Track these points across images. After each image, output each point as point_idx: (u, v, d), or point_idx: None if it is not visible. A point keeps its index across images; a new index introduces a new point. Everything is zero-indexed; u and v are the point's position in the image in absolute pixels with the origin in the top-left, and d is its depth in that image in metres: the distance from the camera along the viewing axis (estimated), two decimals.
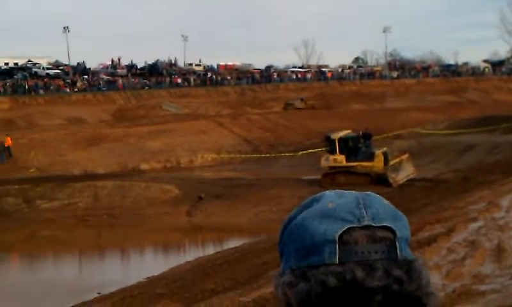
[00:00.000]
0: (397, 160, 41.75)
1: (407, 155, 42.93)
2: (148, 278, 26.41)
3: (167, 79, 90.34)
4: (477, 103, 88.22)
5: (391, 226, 1.44)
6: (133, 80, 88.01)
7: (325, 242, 1.41)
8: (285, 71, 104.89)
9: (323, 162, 42.28)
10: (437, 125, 66.58)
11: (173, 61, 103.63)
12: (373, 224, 1.43)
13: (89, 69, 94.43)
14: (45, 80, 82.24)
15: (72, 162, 54.50)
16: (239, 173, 50.07)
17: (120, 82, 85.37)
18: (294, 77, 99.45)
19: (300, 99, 79.36)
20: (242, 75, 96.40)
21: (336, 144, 41.44)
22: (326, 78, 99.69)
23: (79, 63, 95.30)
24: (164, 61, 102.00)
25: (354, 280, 1.36)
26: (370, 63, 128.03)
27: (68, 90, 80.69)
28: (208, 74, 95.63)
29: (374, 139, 45.73)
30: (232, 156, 58.60)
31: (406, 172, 41.28)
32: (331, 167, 41.71)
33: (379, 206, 1.46)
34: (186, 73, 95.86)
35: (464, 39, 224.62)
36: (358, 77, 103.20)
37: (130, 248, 36.93)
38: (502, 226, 19.93)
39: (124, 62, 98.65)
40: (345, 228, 1.42)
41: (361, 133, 44.07)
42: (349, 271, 1.37)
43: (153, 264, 31.01)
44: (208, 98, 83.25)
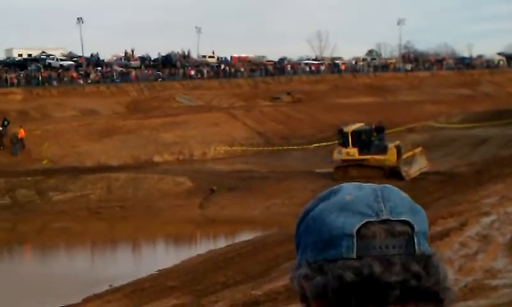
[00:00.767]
0: (410, 153, 41.64)
1: (420, 149, 42.81)
2: (159, 271, 26.44)
3: (180, 71, 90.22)
4: (491, 96, 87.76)
5: (409, 220, 1.42)
6: (146, 72, 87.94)
7: (343, 236, 1.40)
8: (299, 63, 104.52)
9: (336, 155, 42.19)
10: (451, 118, 66.38)
11: (186, 53, 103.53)
12: (391, 218, 1.41)
13: (103, 61, 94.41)
14: (59, 71, 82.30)
15: (85, 154, 54.59)
16: (252, 165, 50.03)
17: (134, 73, 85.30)
18: (308, 69, 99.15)
19: (287, 93, 78.95)
20: (256, 67, 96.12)
21: (349, 137, 41.35)
22: (339, 71, 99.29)
23: (92, 55, 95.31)
24: (177, 52, 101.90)
25: (371, 275, 1.35)
26: (384, 56, 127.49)
27: (81, 82, 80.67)
28: (222, 66, 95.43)
29: (387, 132, 45.54)
30: (245, 148, 58.55)
31: (419, 165, 41.16)
32: (344, 160, 41.62)
33: (398, 200, 1.45)
34: (199, 65, 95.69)
35: (478, 31, 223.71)
36: (371, 69, 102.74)
37: (142, 240, 36.99)
38: None
39: (138, 54, 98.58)
40: (364, 222, 1.40)
41: (374, 126, 43.90)
42: (366, 266, 1.36)
43: (165, 256, 31.06)
44: (222, 90, 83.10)
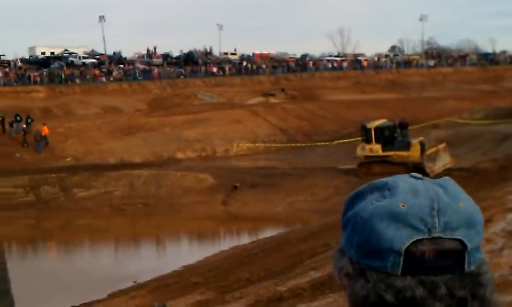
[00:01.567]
0: (434, 149, 41.41)
1: (444, 145, 42.56)
2: (183, 267, 26.48)
3: (202, 68, 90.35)
4: None
5: (462, 239, 1.34)
6: (168, 69, 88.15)
7: (390, 251, 1.34)
8: (321, 59, 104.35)
9: (359, 152, 42.05)
10: (474, 114, 65.91)
11: (208, 50, 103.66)
12: (443, 236, 1.34)
13: (125, 58, 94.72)
14: (81, 69, 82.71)
15: (108, 151, 54.81)
16: (274, 162, 49.99)
17: (156, 71, 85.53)
18: (330, 65, 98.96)
19: (281, 89, 78.54)
20: (278, 64, 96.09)
21: (372, 133, 41.18)
22: (362, 67, 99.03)
23: (114, 52, 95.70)
24: (199, 50, 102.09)
25: (413, 298, 1.30)
26: (406, 52, 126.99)
27: (104, 79, 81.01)
28: (244, 63, 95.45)
29: (410, 129, 45.32)
30: (267, 145, 58.52)
31: (442, 161, 40.92)
32: (367, 156, 41.46)
33: (453, 213, 1.35)
34: (221, 62, 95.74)
35: (502, 27, 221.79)
36: (394, 65, 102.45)
37: (166, 237, 37.06)
38: None
39: (160, 52, 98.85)
40: (414, 239, 1.33)
41: (397, 122, 43.73)
42: (409, 289, 1.31)
43: (189, 253, 31.09)
44: (244, 87, 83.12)
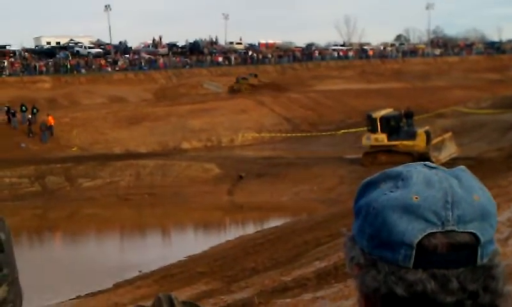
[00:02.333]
0: (440, 139, 41.32)
1: (449, 134, 42.46)
2: (188, 257, 26.49)
3: (208, 58, 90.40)
4: None
5: (475, 232, 1.32)
6: (174, 59, 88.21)
7: (402, 243, 1.32)
8: (327, 49, 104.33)
9: (364, 141, 41.99)
10: (480, 104, 65.80)
11: (214, 40, 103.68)
12: (456, 229, 1.31)
13: (131, 48, 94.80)
14: (87, 59, 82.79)
15: (114, 141, 54.84)
16: (280, 151, 49.95)
17: (161, 61, 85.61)
18: (336, 55, 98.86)
19: (254, 75, 77.32)
20: (283, 54, 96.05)
21: (378, 122, 41.12)
22: (367, 56, 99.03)
23: (120, 42, 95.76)
24: (205, 39, 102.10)
25: (424, 293, 1.29)
26: (412, 41, 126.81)
27: (109, 69, 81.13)
28: (249, 52, 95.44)
29: (416, 118, 45.22)
30: (273, 135, 58.48)
31: (448, 151, 40.83)
32: (373, 146, 41.40)
33: (467, 206, 1.32)
34: (227, 51, 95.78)
35: (509, 15, 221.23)
36: (400, 54, 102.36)
37: (171, 227, 37.07)
38: None
39: (165, 41, 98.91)
40: (427, 232, 1.31)
41: (403, 112, 43.62)
42: (420, 282, 1.29)
43: (194, 243, 31.09)
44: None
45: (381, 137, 40.92)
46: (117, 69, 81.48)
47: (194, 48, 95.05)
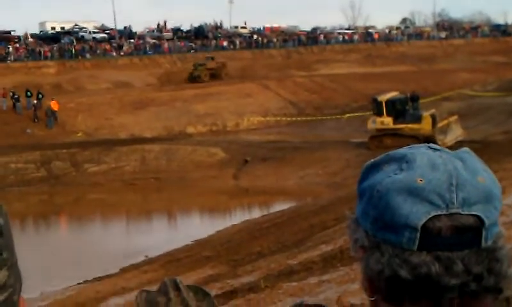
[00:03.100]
0: (445, 122, 41.26)
1: (455, 117, 42.39)
2: (195, 241, 26.55)
3: (213, 42, 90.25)
4: None
5: (480, 215, 1.31)
6: (179, 43, 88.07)
7: (406, 226, 1.31)
8: (332, 33, 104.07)
9: (370, 125, 41.95)
10: (486, 87, 65.64)
11: (218, 24, 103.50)
12: (461, 212, 1.30)
13: (135, 33, 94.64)
14: (92, 44, 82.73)
15: (119, 126, 54.85)
16: (285, 135, 49.94)
17: (166, 45, 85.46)
18: (341, 38, 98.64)
19: (211, 58, 75.81)
20: (288, 38, 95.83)
21: (384, 106, 41.06)
22: (373, 40, 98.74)
23: (125, 27, 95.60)
24: (209, 23, 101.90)
25: (429, 275, 1.28)
26: (418, 24, 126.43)
27: (114, 54, 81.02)
28: (254, 37, 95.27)
29: (421, 101, 45.13)
30: (278, 119, 58.44)
31: (454, 134, 40.77)
32: (378, 129, 41.36)
33: (472, 188, 1.31)
34: (232, 35, 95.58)
35: None
36: (405, 38, 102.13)
37: (177, 211, 37.12)
38: None
39: (170, 26, 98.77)
40: (431, 215, 1.30)
41: (408, 95, 43.51)
42: (424, 265, 1.29)
43: (200, 227, 31.14)
44: (254, 61, 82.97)
45: (387, 121, 40.88)
46: (122, 54, 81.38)
47: (199, 33, 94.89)
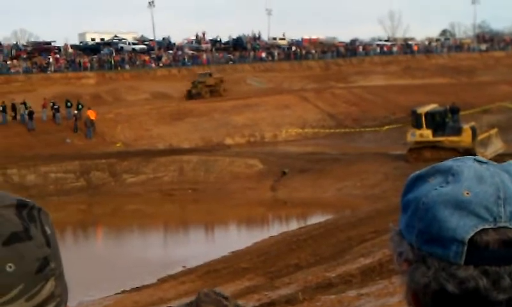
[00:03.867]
0: (486, 135, 40.92)
1: (495, 130, 42.01)
2: (232, 252, 26.50)
3: (251, 53, 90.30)
4: None
5: None
6: (217, 54, 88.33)
7: (453, 239, 1.27)
8: (370, 44, 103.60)
9: (409, 137, 41.70)
10: None
11: (257, 35, 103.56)
12: (509, 226, 1.27)
13: (174, 44, 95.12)
14: (131, 55, 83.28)
15: (157, 137, 55.10)
16: (323, 147, 49.78)
17: (204, 57, 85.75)
18: (379, 50, 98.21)
19: (209, 74, 73.93)
20: (327, 49, 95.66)
21: (423, 118, 40.80)
22: (412, 52, 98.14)
23: (164, 38, 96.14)
24: (248, 35, 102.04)
25: (476, 290, 1.24)
26: (458, 36, 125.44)
27: (153, 65, 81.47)
28: (293, 48, 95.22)
29: (461, 114, 44.78)
30: (316, 130, 58.31)
31: (494, 147, 40.38)
32: (418, 142, 41.10)
33: None
34: (270, 47, 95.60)
35: None
36: (445, 50, 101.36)
37: (215, 222, 37.14)
38: None
39: (208, 37, 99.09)
40: (478, 229, 1.26)
41: (448, 107, 43.20)
42: (472, 279, 1.25)
43: (237, 238, 31.12)
44: (293, 73, 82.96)
45: (426, 133, 40.61)
46: (160, 65, 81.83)
47: (237, 44, 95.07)
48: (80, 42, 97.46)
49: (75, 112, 55.90)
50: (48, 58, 77.76)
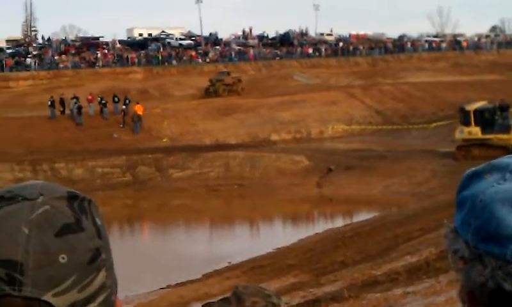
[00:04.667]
0: None
1: None
2: (277, 249, 26.48)
3: (298, 49, 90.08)
4: None
5: None
6: (264, 50, 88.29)
7: (511, 238, 1.24)
8: (419, 40, 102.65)
9: (457, 134, 41.26)
10: None
11: (304, 31, 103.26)
12: None
13: (221, 39, 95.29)
14: (178, 50, 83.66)
15: (203, 132, 55.25)
16: (370, 144, 49.47)
17: (251, 52, 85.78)
18: (428, 46, 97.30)
19: (227, 73, 73.15)
20: (374, 45, 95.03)
21: (472, 115, 40.32)
22: (461, 48, 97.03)
23: (211, 34, 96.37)
24: (295, 30, 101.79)
25: None
26: (508, 32, 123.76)
27: (200, 60, 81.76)
28: (340, 44, 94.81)
29: (511, 111, 44.13)
30: (363, 127, 57.97)
31: None
32: (466, 139, 40.63)
33: None
34: (317, 43, 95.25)
35: None
36: (495, 46, 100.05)
37: (260, 218, 37.16)
38: None
39: (255, 33, 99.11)
40: None
41: (497, 104, 42.61)
42: None
43: (283, 235, 31.10)
44: (340, 69, 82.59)
45: (475, 131, 40.14)
46: (207, 60, 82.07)
47: (284, 40, 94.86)
48: (128, 37, 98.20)
49: (123, 107, 56.33)
50: (97, 53, 78.56)
